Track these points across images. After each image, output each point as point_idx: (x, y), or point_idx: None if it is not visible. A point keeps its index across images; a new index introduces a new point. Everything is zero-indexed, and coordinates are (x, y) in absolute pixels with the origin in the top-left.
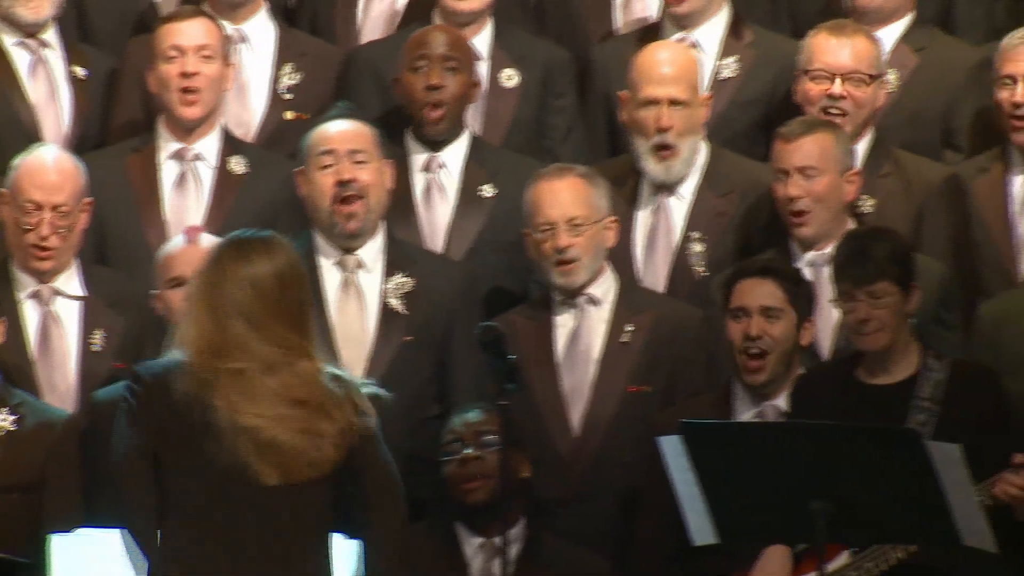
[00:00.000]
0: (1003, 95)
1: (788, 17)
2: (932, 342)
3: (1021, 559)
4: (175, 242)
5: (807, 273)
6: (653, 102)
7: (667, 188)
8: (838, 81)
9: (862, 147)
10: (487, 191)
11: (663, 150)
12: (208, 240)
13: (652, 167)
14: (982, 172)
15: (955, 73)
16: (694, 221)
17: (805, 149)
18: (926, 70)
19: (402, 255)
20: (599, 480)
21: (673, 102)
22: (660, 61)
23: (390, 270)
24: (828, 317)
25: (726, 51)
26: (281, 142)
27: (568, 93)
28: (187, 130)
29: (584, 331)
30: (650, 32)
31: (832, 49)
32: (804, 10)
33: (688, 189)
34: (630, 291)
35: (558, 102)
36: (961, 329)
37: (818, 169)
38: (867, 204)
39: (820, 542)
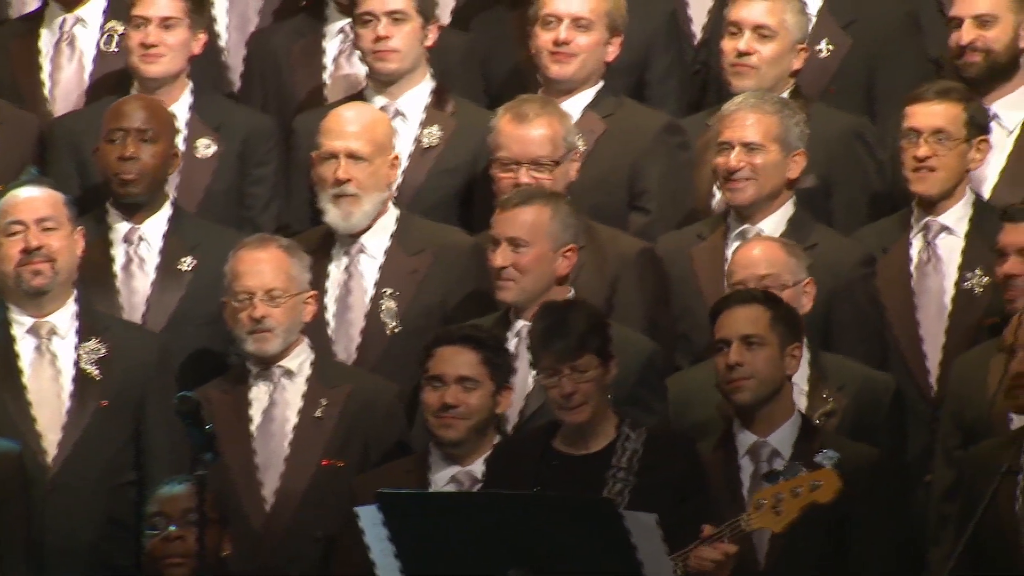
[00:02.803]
0: (719, 160)
1: (484, 88)
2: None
3: None
4: None
5: (513, 343)
6: (333, 155)
7: (359, 247)
8: (524, 169)
9: None
10: (186, 264)
11: (341, 198)
12: None
13: (331, 214)
14: (700, 239)
15: (641, 137)
16: (385, 278)
17: (518, 220)
18: (612, 135)
19: (95, 321)
20: (292, 554)
21: (352, 156)
22: (345, 118)
23: (83, 336)
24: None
25: (428, 120)
26: None
27: (269, 161)
28: None
29: (279, 405)
30: (353, 100)
31: (516, 138)
32: (497, 78)
33: (379, 248)
34: (325, 364)
35: (258, 171)
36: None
37: (527, 242)
38: None
39: None
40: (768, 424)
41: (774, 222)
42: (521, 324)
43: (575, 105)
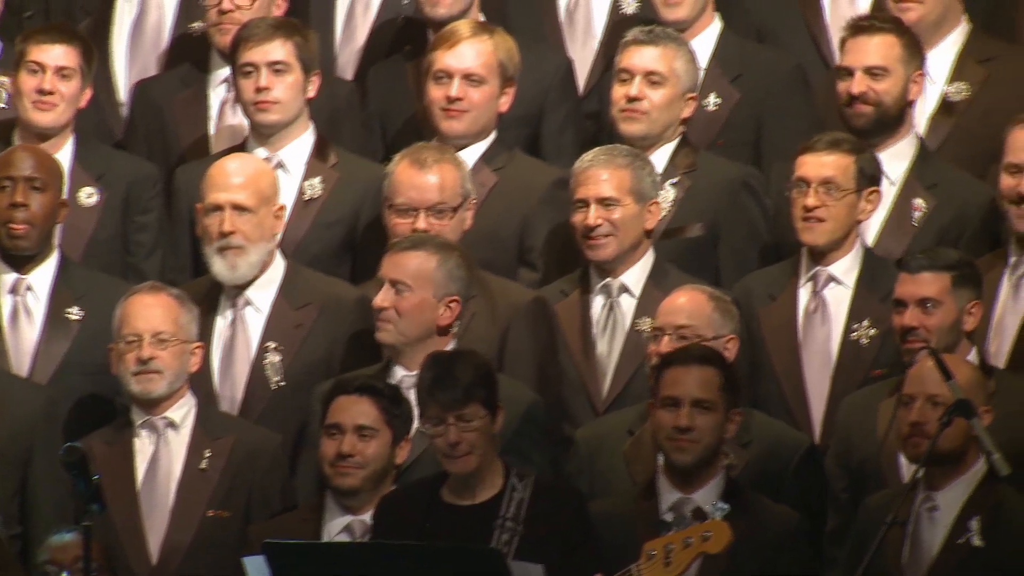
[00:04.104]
0: (576, 218)
1: (380, 138)
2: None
3: None
4: None
5: None
6: (218, 208)
7: (245, 300)
8: (422, 215)
9: None
10: (74, 314)
11: (226, 250)
12: None
13: (217, 267)
14: (563, 295)
15: (531, 192)
16: (270, 332)
17: (403, 264)
18: (503, 189)
19: None
20: None
21: (237, 207)
22: (228, 170)
23: None
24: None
25: (311, 172)
26: None
27: (153, 208)
28: None
29: (163, 456)
30: (235, 151)
31: (415, 184)
32: (393, 128)
33: (265, 302)
34: (208, 415)
35: (142, 218)
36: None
37: (409, 286)
38: None
39: None
40: (696, 482)
41: (635, 274)
42: (402, 373)
43: (467, 157)
